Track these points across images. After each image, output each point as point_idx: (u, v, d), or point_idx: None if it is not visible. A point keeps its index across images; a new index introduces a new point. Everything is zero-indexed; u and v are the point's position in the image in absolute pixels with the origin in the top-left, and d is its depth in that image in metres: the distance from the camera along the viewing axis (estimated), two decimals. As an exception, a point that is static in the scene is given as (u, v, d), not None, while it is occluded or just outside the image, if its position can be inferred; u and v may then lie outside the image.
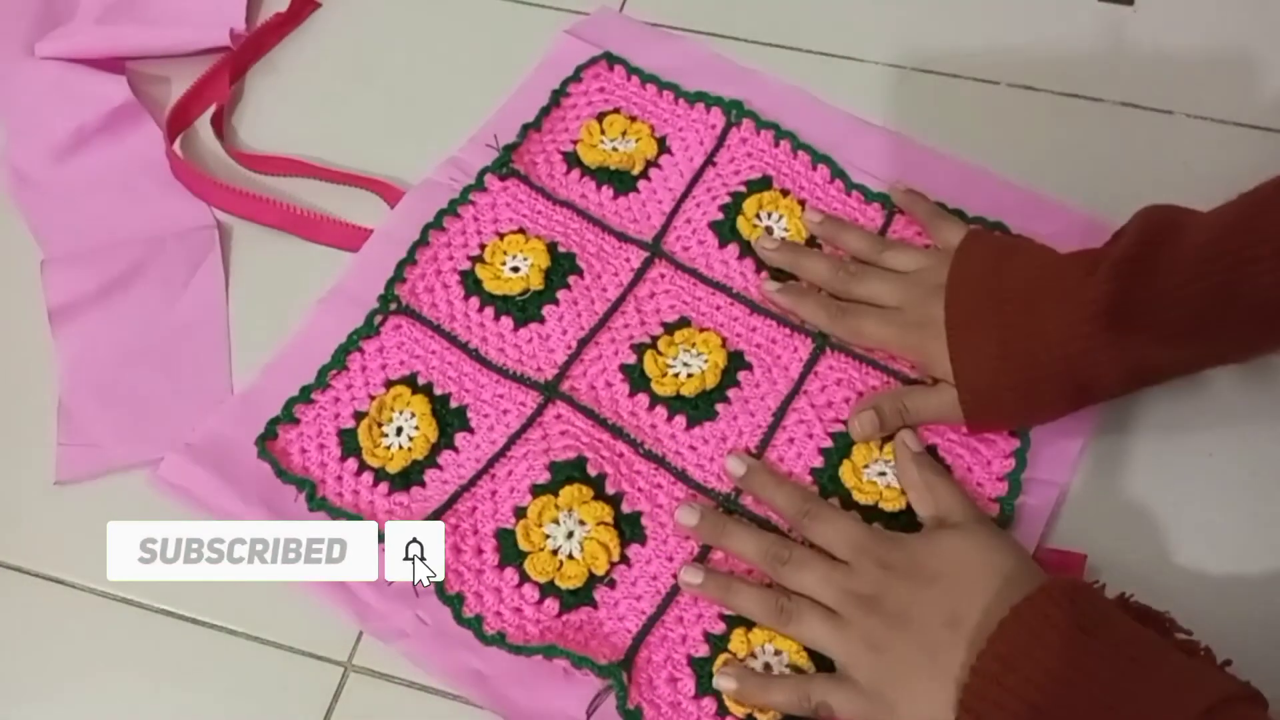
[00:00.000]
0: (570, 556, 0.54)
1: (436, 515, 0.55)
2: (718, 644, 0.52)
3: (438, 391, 0.60)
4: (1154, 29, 0.71)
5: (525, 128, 0.68)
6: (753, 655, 0.52)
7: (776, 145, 0.67)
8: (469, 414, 0.59)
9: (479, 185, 0.66)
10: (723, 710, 0.50)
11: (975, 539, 0.50)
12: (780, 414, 0.58)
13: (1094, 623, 0.44)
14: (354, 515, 0.56)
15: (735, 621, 0.53)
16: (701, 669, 0.52)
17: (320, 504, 0.56)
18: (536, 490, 0.56)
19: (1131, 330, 0.51)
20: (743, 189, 0.65)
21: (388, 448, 0.58)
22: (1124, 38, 0.71)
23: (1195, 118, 0.68)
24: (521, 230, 0.65)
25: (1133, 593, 0.49)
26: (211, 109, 0.72)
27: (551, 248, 0.64)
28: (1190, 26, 0.71)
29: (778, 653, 0.52)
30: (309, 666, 0.54)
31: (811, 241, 0.64)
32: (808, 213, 0.63)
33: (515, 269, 0.63)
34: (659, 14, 0.74)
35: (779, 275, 0.62)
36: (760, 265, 0.63)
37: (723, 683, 0.50)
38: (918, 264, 0.60)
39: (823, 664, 0.51)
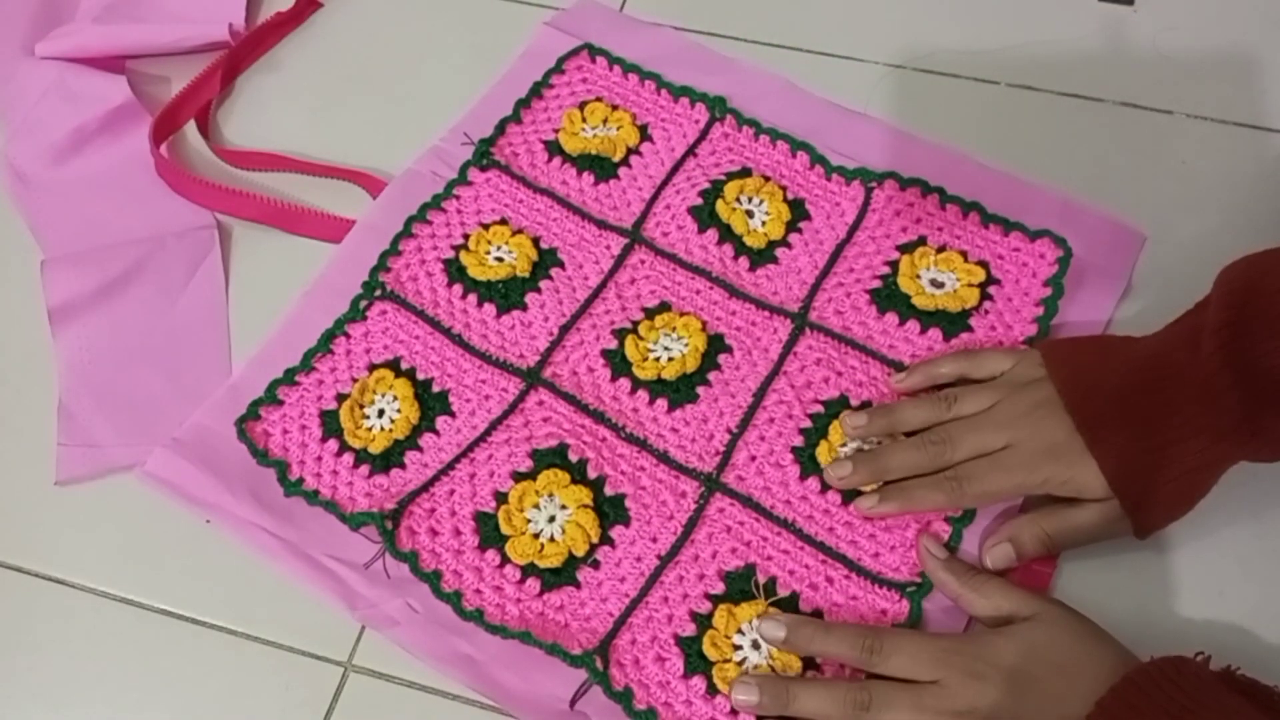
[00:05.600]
0: (551, 539, 0.55)
1: (413, 497, 0.56)
2: (704, 623, 0.52)
3: (420, 376, 0.61)
4: (1154, 29, 0.71)
5: (504, 121, 0.69)
6: (739, 632, 0.52)
7: (756, 140, 0.68)
8: (450, 399, 0.60)
9: (462, 179, 0.67)
10: (712, 689, 0.51)
11: (1058, 631, 0.47)
12: (760, 395, 0.59)
13: (1183, 709, 0.43)
14: (330, 503, 0.56)
15: (720, 599, 0.53)
16: (689, 648, 0.52)
17: (296, 487, 0.57)
18: (518, 477, 0.56)
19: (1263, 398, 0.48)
20: (723, 178, 0.66)
21: (369, 429, 0.59)
22: (1124, 38, 0.71)
23: (1195, 118, 0.68)
24: (504, 220, 0.66)
25: (1239, 666, 0.47)
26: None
27: (535, 243, 0.64)
28: (1190, 26, 0.71)
29: None
30: (309, 666, 0.54)
31: (792, 224, 0.64)
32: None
33: (500, 259, 0.64)
34: (659, 13, 0.74)
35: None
36: (739, 250, 0.63)
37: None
38: (984, 401, 0.55)
39: None
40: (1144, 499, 0.50)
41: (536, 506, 0.56)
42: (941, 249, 0.62)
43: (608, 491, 0.56)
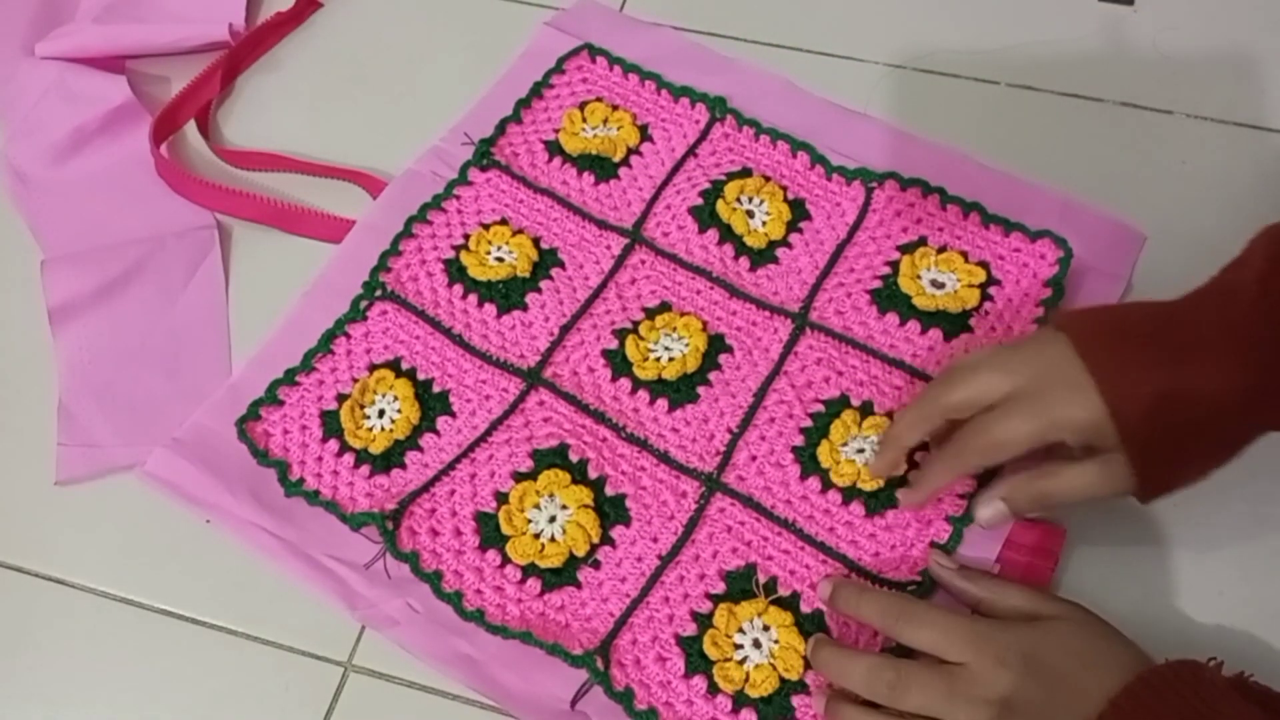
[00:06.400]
0: (552, 540, 0.55)
1: (413, 498, 0.56)
2: (705, 622, 0.53)
3: (421, 376, 0.61)
4: (1154, 29, 0.71)
5: (504, 121, 0.69)
6: (740, 631, 0.52)
7: (757, 140, 0.68)
8: (451, 399, 0.60)
9: (462, 179, 0.67)
10: (713, 689, 0.51)
11: (1082, 628, 0.47)
12: (761, 394, 0.59)
13: (1198, 714, 0.42)
14: (330, 504, 0.56)
15: (720, 599, 0.53)
16: (690, 647, 0.52)
17: (296, 487, 0.57)
18: (519, 477, 0.56)
19: None
20: (723, 178, 0.66)
21: (370, 429, 0.59)
22: (1124, 38, 0.71)
23: (1195, 118, 0.68)
24: (505, 220, 0.66)
25: (1252, 673, 0.46)
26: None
27: (535, 243, 0.64)
28: (1190, 26, 0.71)
29: (766, 628, 0.52)
30: (309, 666, 0.54)
31: (793, 224, 0.64)
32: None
33: (500, 259, 0.64)
34: (659, 13, 0.74)
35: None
36: (740, 251, 0.64)
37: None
38: (985, 352, 0.53)
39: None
40: (1158, 455, 0.48)
41: (537, 507, 0.56)
42: (942, 249, 0.62)
43: (608, 491, 0.56)
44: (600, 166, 0.67)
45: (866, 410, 0.58)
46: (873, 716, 0.47)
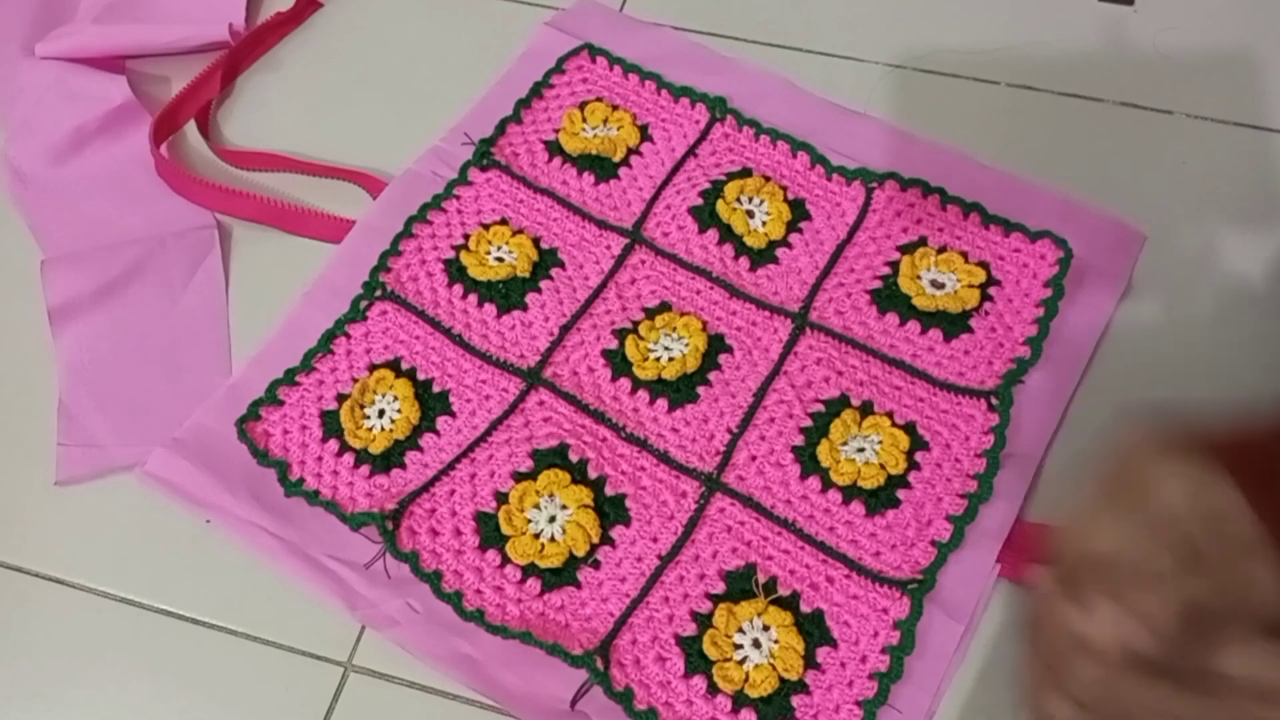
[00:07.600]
0: (552, 539, 0.55)
1: (413, 497, 0.56)
2: (704, 622, 0.53)
3: (421, 376, 0.61)
4: (1154, 29, 0.71)
5: (504, 121, 0.69)
6: (740, 631, 0.52)
7: (757, 139, 0.68)
8: (451, 399, 0.60)
9: (462, 179, 0.67)
10: (713, 689, 0.51)
11: None
12: (761, 394, 0.59)
13: None
14: (330, 504, 0.56)
15: (720, 599, 0.53)
16: (690, 647, 0.52)
17: (296, 487, 0.57)
18: (519, 477, 0.57)
19: None
20: (723, 178, 0.66)
21: (369, 429, 0.59)
22: (1124, 38, 0.71)
23: (1195, 118, 0.68)
24: (505, 220, 0.66)
25: None
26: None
27: (535, 243, 0.64)
28: (1190, 26, 0.71)
29: (766, 628, 0.52)
30: (309, 666, 0.54)
31: (793, 224, 0.64)
32: None
33: (500, 259, 0.64)
34: (659, 13, 0.74)
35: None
36: (740, 251, 0.64)
37: None
38: None
39: (811, 642, 0.51)
40: None
41: (537, 506, 0.56)
42: (942, 250, 0.62)
43: (608, 491, 0.56)
44: (600, 166, 0.67)
45: (866, 410, 0.58)
46: None
